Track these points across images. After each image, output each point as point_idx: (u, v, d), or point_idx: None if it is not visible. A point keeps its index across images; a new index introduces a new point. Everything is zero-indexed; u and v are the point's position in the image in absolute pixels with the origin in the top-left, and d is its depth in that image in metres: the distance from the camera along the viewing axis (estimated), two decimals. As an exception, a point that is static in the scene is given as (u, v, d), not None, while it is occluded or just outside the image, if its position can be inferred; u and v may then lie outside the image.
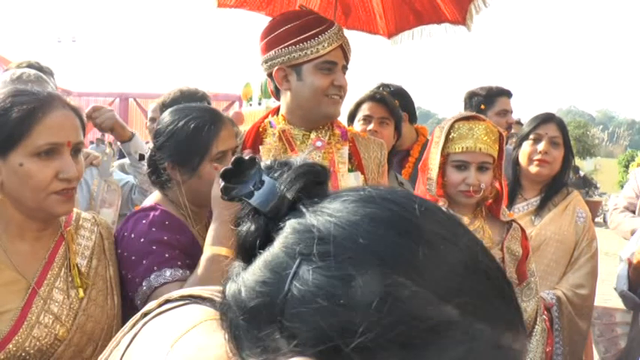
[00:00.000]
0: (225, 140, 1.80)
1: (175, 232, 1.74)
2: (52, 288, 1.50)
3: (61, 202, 1.49)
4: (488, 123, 2.24)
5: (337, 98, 2.09)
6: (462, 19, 2.56)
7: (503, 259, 2.24)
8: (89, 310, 1.54)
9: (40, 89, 1.54)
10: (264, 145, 2.13)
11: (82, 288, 1.54)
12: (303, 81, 2.06)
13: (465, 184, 2.16)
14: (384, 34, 2.81)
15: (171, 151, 1.78)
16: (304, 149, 2.12)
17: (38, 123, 1.42)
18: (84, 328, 1.51)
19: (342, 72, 2.09)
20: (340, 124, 2.25)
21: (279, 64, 2.07)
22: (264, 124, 2.19)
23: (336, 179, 2.10)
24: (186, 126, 1.77)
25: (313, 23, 2.04)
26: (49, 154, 1.44)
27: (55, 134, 1.45)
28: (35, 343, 1.43)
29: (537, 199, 2.86)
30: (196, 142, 1.76)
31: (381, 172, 2.28)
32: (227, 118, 1.90)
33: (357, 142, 2.23)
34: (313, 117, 2.12)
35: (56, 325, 1.47)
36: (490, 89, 3.79)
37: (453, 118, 2.24)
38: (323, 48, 2.02)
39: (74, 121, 1.51)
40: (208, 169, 1.76)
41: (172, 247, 1.70)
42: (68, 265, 1.55)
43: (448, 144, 2.19)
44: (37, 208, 1.48)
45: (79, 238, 1.63)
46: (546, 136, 2.82)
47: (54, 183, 1.45)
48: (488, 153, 2.17)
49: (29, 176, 1.42)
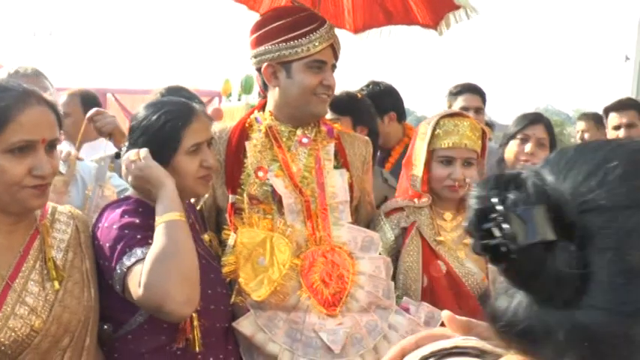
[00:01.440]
0: (198, 133, 1.83)
1: (149, 217, 1.75)
2: (27, 280, 1.53)
3: (34, 197, 1.52)
4: (472, 120, 2.30)
5: (325, 97, 2.11)
6: (433, 24, 2.58)
7: (486, 254, 2.28)
8: (65, 302, 1.58)
9: (16, 84, 1.55)
10: (250, 141, 2.13)
11: (57, 280, 1.58)
12: (293, 79, 2.07)
13: (451, 178, 2.21)
14: (350, 30, 2.82)
15: (145, 146, 1.80)
16: (290, 145, 2.14)
17: (12, 120, 1.45)
18: (60, 320, 1.55)
19: (331, 71, 2.11)
20: (327, 121, 2.26)
21: (268, 60, 2.08)
22: (250, 120, 2.19)
23: (322, 176, 2.11)
24: (158, 120, 1.81)
25: (305, 21, 2.05)
26: (22, 151, 1.48)
27: (30, 132, 1.48)
28: (11, 334, 1.46)
29: None
30: (168, 136, 1.79)
31: (365, 170, 2.31)
32: (200, 110, 1.92)
33: (343, 139, 2.25)
34: (301, 114, 2.14)
35: (32, 316, 1.50)
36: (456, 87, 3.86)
37: (439, 114, 2.29)
38: (314, 47, 2.03)
39: (50, 118, 1.54)
40: (182, 162, 1.80)
41: (144, 229, 1.71)
42: (43, 258, 1.59)
43: (434, 140, 2.24)
44: (10, 201, 1.51)
45: (54, 232, 1.66)
46: (534, 137, 2.86)
47: (27, 178, 1.48)
48: (473, 149, 2.24)
49: (2, 172, 1.46)
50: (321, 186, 2.09)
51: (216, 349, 1.88)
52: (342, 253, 2.04)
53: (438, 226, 2.29)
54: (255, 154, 2.10)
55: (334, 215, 2.09)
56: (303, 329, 1.93)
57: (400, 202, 2.31)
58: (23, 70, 2.47)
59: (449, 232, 2.30)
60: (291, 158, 2.11)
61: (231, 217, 2.04)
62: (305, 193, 2.06)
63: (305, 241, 2.02)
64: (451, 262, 2.23)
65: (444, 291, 2.20)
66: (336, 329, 1.93)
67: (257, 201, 2.05)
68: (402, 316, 2.05)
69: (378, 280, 2.05)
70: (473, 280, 2.25)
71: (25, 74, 2.41)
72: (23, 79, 2.28)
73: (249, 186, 2.07)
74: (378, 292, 2.04)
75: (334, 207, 2.10)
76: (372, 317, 2.01)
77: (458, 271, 2.23)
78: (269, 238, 1.93)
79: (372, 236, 2.14)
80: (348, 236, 2.09)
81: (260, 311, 1.93)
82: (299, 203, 2.05)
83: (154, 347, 1.77)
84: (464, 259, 2.26)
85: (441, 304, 2.17)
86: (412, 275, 2.19)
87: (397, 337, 2.00)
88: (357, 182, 2.24)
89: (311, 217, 2.05)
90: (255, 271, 1.90)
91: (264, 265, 1.91)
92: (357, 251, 2.08)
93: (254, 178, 2.07)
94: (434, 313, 2.10)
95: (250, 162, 2.09)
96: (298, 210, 2.05)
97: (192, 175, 1.83)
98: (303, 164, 2.12)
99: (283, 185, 2.06)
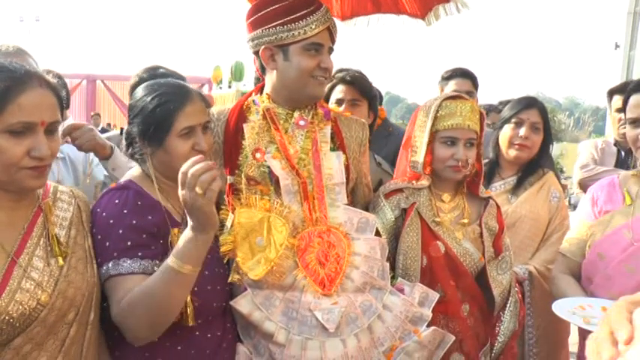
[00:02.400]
0: (192, 115, 1.86)
1: (147, 212, 1.79)
2: (32, 256, 1.57)
3: (32, 177, 1.54)
4: (472, 102, 2.34)
5: (322, 79, 2.12)
6: (421, 14, 2.60)
7: (482, 234, 2.33)
8: (70, 277, 1.61)
9: (18, 66, 1.55)
10: (248, 123, 2.14)
11: (61, 256, 1.61)
12: (290, 61, 2.08)
13: (454, 159, 2.26)
14: (338, 17, 2.84)
15: (140, 125, 1.85)
16: (287, 128, 2.15)
17: (12, 102, 1.46)
18: (65, 294, 1.59)
19: (328, 54, 2.12)
20: (324, 104, 2.27)
21: (265, 43, 2.08)
22: (247, 102, 2.20)
23: (319, 158, 2.13)
24: (152, 101, 1.84)
25: (301, 4, 2.06)
26: (21, 133, 1.49)
27: (29, 114, 1.49)
28: (18, 308, 1.49)
29: (514, 178, 2.97)
30: (161, 117, 1.82)
31: (362, 152, 2.33)
32: (196, 93, 1.93)
33: (340, 122, 2.27)
34: (298, 97, 2.15)
35: (38, 290, 1.53)
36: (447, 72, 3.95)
37: (440, 97, 2.32)
38: (310, 30, 2.04)
39: (51, 100, 1.55)
40: (174, 144, 1.83)
41: (139, 232, 1.75)
42: (47, 235, 1.62)
43: (436, 121, 2.27)
44: (9, 181, 1.53)
45: (56, 210, 1.70)
46: (528, 121, 2.91)
47: (25, 159, 1.50)
48: (475, 130, 2.28)
49: (1, 152, 1.48)
50: (318, 168, 2.11)
51: (213, 327, 1.91)
52: (337, 233, 2.07)
53: (436, 207, 2.32)
54: (252, 136, 2.12)
55: (330, 197, 2.11)
56: (299, 308, 1.95)
57: (400, 183, 2.34)
58: (5, 48, 2.41)
59: (447, 213, 2.34)
60: (288, 140, 2.12)
61: (229, 197, 2.06)
62: (302, 175, 2.08)
63: (302, 221, 2.05)
64: (449, 243, 2.28)
65: (442, 270, 2.25)
66: (332, 308, 1.96)
67: (255, 182, 2.07)
68: (397, 296, 2.08)
69: (374, 260, 2.09)
70: (470, 260, 2.30)
71: (7, 52, 2.36)
72: (6, 57, 2.27)
73: (246, 167, 2.08)
74: (373, 273, 2.07)
75: (330, 188, 2.12)
76: (367, 297, 2.04)
77: (456, 251, 2.28)
78: (266, 219, 1.95)
79: (367, 217, 2.16)
80: (344, 217, 2.11)
81: (257, 290, 1.95)
82: (296, 184, 2.08)
83: None
84: (461, 239, 2.31)
85: (439, 282, 2.23)
86: (412, 255, 2.23)
87: (391, 317, 2.04)
88: (354, 164, 2.26)
89: (308, 198, 2.07)
90: (252, 250, 1.92)
91: (262, 244, 1.93)
92: (353, 232, 2.11)
93: (252, 160, 2.08)
94: (428, 294, 2.14)
95: (248, 144, 2.11)
96: (295, 191, 2.07)
97: (183, 157, 1.83)
98: (300, 146, 2.13)
99: (280, 167, 2.08)
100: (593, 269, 2.24)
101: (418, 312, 2.08)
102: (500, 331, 2.35)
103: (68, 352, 1.60)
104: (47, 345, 1.56)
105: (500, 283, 2.34)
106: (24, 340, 1.51)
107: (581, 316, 1.99)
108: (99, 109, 21.25)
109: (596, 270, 2.23)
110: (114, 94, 20.86)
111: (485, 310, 2.34)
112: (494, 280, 2.33)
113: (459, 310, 2.26)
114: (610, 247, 2.22)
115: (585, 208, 2.42)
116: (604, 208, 2.33)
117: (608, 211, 2.31)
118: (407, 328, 2.04)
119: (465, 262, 2.28)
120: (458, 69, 3.90)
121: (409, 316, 2.06)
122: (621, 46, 11.58)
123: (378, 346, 1.99)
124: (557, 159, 20.58)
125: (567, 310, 2.03)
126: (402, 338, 2.02)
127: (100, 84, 21.99)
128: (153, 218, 1.80)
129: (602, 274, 2.20)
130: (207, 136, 1.93)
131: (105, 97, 21.92)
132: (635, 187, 2.30)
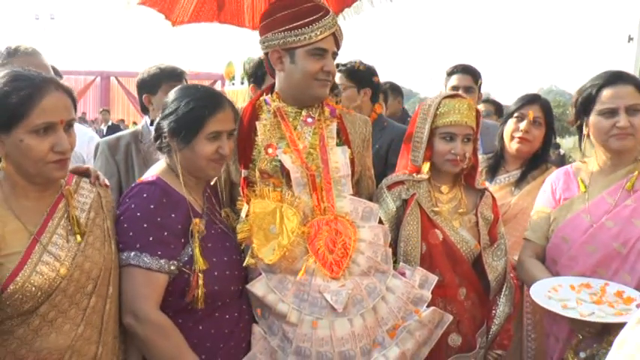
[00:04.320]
0: (221, 122, 2.05)
1: (171, 210, 1.99)
2: (52, 235, 1.80)
3: (56, 169, 1.79)
4: (469, 101, 2.50)
5: (325, 82, 2.29)
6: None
7: (477, 223, 2.49)
8: (87, 252, 1.85)
9: (36, 73, 1.79)
10: (260, 121, 2.32)
11: (79, 235, 1.85)
12: (296, 64, 2.25)
13: (452, 153, 2.42)
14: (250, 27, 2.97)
15: (172, 123, 2.04)
16: (296, 125, 2.32)
17: (35, 106, 1.71)
18: (82, 267, 1.82)
19: (331, 58, 2.28)
20: (329, 102, 2.44)
21: (274, 46, 2.26)
22: (259, 102, 2.37)
23: (326, 153, 2.30)
24: (188, 103, 2.03)
25: (309, 11, 2.21)
26: (45, 131, 1.74)
27: (50, 114, 1.74)
28: (39, 278, 1.73)
29: (518, 172, 3.10)
30: (193, 119, 2.01)
31: (365, 147, 2.49)
32: (229, 102, 2.11)
33: (345, 118, 2.44)
34: (303, 97, 2.32)
35: (56, 263, 1.77)
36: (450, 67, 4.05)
37: (440, 96, 2.49)
38: (315, 35, 2.20)
39: (66, 101, 1.80)
40: (200, 144, 2.02)
41: (161, 229, 1.95)
42: (68, 216, 1.86)
43: (436, 118, 2.44)
44: (37, 174, 1.78)
45: (78, 196, 1.94)
46: (529, 115, 3.03)
47: (50, 154, 1.75)
48: (471, 126, 2.44)
49: (29, 149, 1.72)
50: (325, 161, 2.28)
51: (231, 309, 2.10)
52: (344, 222, 2.24)
53: (435, 198, 2.49)
54: (265, 132, 2.29)
55: (337, 188, 2.28)
56: (309, 290, 2.12)
57: (401, 176, 2.50)
58: (24, 48, 2.60)
59: (445, 204, 2.50)
60: (297, 136, 2.29)
61: (244, 189, 2.24)
62: (310, 168, 2.25)
63: (311, 211, 2.22)
64: (447, 231, 2.44)
65: (440, 256, 2.41)
66: (339, 290, 2.12)
67: (267, 175, 2.24)
68: (399, 279, 2.24)
69: (377, 246, 2.25)
70: (467, 247, 2.46)
71: (26, 52, 2.55)
72: (23, 56, 2.47)
73: (260, 162, 2.26)
74: (377, 258, 2.23)
75: (337, 180, 2.29)
76: (372, 280, 2.20)
77: (453, 238, 2.44)
78: (279, 208, 2.13)
79: (371, 207, 2.33)
80: (350, 207, 2.28)
81: (271, 274, 2.13)
82: (305, 177, 2.24)
83: (178, 309, 2.00)
84: (458, 227, 2.47)
85: (438, 268, 2.40)
86: (412, 242, 2.40)
87: (394, 299, 2.20)
88: (358, 158, 2.43)
89: (316, 189, 2.24)
90: (266, 237, 2.10)
91: (275, 232, 2.10)
92: (358, 220, 2.27)
93: (264, 155, 2.26)
94: (427, 277, 2.30)
95: (261, 140, 2.29)
96: (305, 183, 2.24)
97: (206, 157, 2.04)
98: (308, 142, 2.30)
99: (291, 161, 2.25)
100: (558, 251, 2.42)
101: (419, 293, 2.24)
102: (496, 314, 2.51)
103: (90, 321, 1.83)
104: (70, 313, 1.80)
105: (495, 269, 2.50)
106: (48, 308, 1.75)
107: (558, 300, 2.18)
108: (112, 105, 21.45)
109: (561, 252, 2.41)
110: (127, 89, 21.06)
111: (481, 294, 2.50)
112: (490, 266, 2.49)
113: (457, 293, 2.42)
114: (572, 231, 2.40)
115: (545, 197, 2.59)
116: (563, 196, 2.51)
117: (567, 198, 2.49)
118: (408, 309, 2.20)
119: (462, 249, 2.44)
120: (459, 65, 4.00)
121: (410, 298, 2.22)
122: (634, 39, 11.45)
123: (382, 325, 2.15)
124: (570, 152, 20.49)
125: (544, 294, 2.21)
126: (404, 318, 2.18)
127: (113, 80, 22.21)
128: (176, 216, 1.99)
129: (567, 256, 2.39)
130: (230, 142, 2.10)
131: (118, 93, 22.14)
132: (587, 175, 2.49)
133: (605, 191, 2.40)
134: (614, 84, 2.35)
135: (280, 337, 2.10)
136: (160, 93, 3.06)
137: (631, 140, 2.34)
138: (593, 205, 2.40)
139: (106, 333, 1.88)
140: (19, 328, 1.73)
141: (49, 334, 1.75)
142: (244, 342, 2.11)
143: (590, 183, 2.47)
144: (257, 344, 2.11)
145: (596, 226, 2.35)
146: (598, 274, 2.31)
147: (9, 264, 1.71)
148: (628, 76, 2.39)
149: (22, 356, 1.73)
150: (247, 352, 2.11)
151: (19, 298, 1.70)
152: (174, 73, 3.12)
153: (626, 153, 2.40)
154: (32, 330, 1.74)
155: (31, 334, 1.73)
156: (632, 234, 2.28)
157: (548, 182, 2.64)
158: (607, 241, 2.31)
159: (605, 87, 2.36)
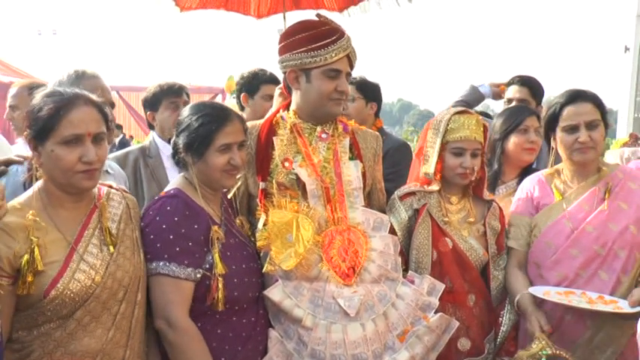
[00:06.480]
0: (230, 134, 2.17)
1: (193, 221, 2.11)
2: (87, 244, 1.93)
3: (84, 179, 1.90)
4: (477, 117, 2.63)
5: (339, 101, 2.42)
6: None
7: (485, 233, 2.62)
8: (118, 262, 1.97)
9: (70, 90, 1.94)
10: (278, 136, 2.45)
11: (112, 245, 1.97)
12: (311, 84, 2.38)
13: (462, 167, 2.55)
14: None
15: (186, 139, 2.18)
16: (312, 140, 2.45)
17: (63, 119, 1.85)
18: (115, 276, 1.95)
19: (345, 79, 2.41)
20: (343, 119, 2.57)
21: (291, 66, 2.39)
22: (277, 118, 2.51)
23: (339, 167, 2.43)
24: (198, 119, 2.17)
25: (325, 34, 2.35)
26: (73, 142, 1.86)
27: (77, 127, 1.87)
28: (77, 284, 1.86)
29: (514, 182, 3.19)
30: (203, 133, 2.15)
31: (376, 161, 2.62)
32: (236, 116, 2.24)
33: (357, 134, 2.57)
34: (318, 114, 2.45)
35: (92, 272, 1.90)
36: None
37: (449, 113, 2.61)
38: (331, 57, 2.33)
39: (95, 115, 1.93)
40: (212, 157, 2.16)
41: (186, 240, 2.07)
42: (101, 228, 1.99)
43: (447, 134, 2.56)
44: (67, 184, 1.90)
45: (109, 208, 2.06)
46: (532, 127, 3.13)
47: (78, 165, 1.87)
48: (480, 141, 2.57)
49: (59, 159, 1.85)
50: (339, 175, 2.41)
51: (248, 313, 2.21)
52: (356, 232, 2.36)
53: (445, 209, 2.61)
54: (282, 147, 2.42)
55: (350, 200, 2.40)
56: (323, 296, 2.24)
57: (413, 187, 2.63)
58: (89, 72, 2.75)
59: (454, 214, 2.63)
60: (312, 151, 2.42)
61: (262, 201, 2.36)
62: (325, 181, 2.38)
63: (325, 221, 2.34)
64: (456, 239, 2.57)
65: (450, 264, 2.54)
66: (352, 296, 2.23)
67: (284, 187, 2.37)
68: (408, 286, 2.36)
69: (388, 255, 2.37)
70: (475, 255, 2.58)
71: (91, 76, 2.71)
72: (89, 79, 2.64)
73: (277, 175, 2.39)
74: (388, 266, 2.35)
75: (350, 193, 2.41)
76: (382, 287, 2.31)
77: (462, 246, 2.57)
78: (295, 218, 2.25)
79: (382, 218, 2.46)
80: (362, 218, 2.40)
81: (287, 281, 2.24)
82: (320, 189, 2.37)
83: (198, 313, 2.11)
84: (467, 236, 2.60)
85: (448, 274, 2.52)
86: (424, 250, 2.53)
87: (403, 305, 2.31)
88: (369, 172, 2.55)
89: (330, 201, 2.36)
90: (284, 245, 2.22)
91: (292, 240, 2.22)
92: (370, 230, 2.40)
93: (281, 168, 2.39)
94: (435, 285, 2.41)
95: (278, 154, 2.41)
96: (319, 195, 2.37)
97: (219, 169, 2.17)
98: (322, 156, 2.43)
99: (306, 174, 2.37)
100: (543, 256, 2.58)
101: (427, 300, 2.35)
102: (503, 320, 2.62)
103: (120, 326, 1.95)
104: (102, 318, 1.92)
105: (496, 278, 2.64)
106: (83, 313, 1.88)
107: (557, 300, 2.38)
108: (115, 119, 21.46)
109: (546, 256, 2.57)
110: (128, 104, 21.13)
111: (489, 301, 2.61)
112: (492, 275, 2.63)
113: (466, 300, 2.53)
114: (555, 237, 2.57)
115: (522, 204, 2.73)
116: (541, 202, 2.67)
117: (545, 204, 2.65)
118: (417, 315, 2.31)
119: (471, 257, 2.57)
120: (517, 76, 3.85)
121: (419, 304, 2.33)
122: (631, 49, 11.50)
123: (392, 330, 2.26)
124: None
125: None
126: (412, 323, 2.29)
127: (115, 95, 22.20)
128: (198, 227, 2.11)
129: (552, 260, 2.55)
130: (242, 152, 2.23)
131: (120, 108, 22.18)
132: (560, 183, 2.66)
133: (580, 198, 2.58)
134: (574, 102, 2.56)
135: (296, 341, 2.20)
136: (161, 109, 3.25)
137: (592, 153, 2.54)
138: (572, 211, 2.57)
139: (133, 337, 1.99)
140: (57, 331, 1.85)
141: (83, 338, 1.88)
142: (261, 345, 2.22)
143: (564, 190, 2.64)
144: (273, 347, 2.21)
145: (578, 231, 2.52)
146: (579, 275, 2.49)
147: (50, 271, 1.84)
148: (587, 94, 2.59)
149: (57, 358, 1.85)
150: (264, 355, 2.21)
151: (59, 304, 1.83)
152: (173, 89, 3.27)
153: (589, 164, 2.60)
154: (68, 333, 1.86)
155: (67, 337, 1.86)
156: (609, 237, 2.48)
157: (522, 189, 2.78)
158: (588, 245, 2.49)
159: (567, 105, 2.57)
